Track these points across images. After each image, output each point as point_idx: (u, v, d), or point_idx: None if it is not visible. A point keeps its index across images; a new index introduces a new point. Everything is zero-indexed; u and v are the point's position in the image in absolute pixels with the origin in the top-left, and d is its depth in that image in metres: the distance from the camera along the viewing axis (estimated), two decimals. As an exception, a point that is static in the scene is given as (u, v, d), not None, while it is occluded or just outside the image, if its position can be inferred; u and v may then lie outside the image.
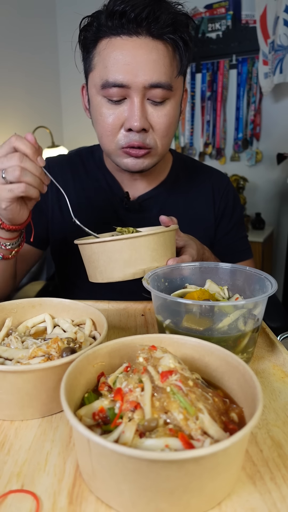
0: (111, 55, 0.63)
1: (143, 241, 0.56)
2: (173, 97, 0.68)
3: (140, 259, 0.56)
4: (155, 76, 0.63)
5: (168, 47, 0.64)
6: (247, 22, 2.14)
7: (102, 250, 0.57)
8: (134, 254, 0.56)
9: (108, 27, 0.63)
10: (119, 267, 0.57)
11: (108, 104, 0.67)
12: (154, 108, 0.67)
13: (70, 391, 0.34)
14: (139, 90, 0.64)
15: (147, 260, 0.57)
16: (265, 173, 2.32)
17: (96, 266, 0.59)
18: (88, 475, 0.33)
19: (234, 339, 0.48)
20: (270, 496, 0.33)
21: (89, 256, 0.59)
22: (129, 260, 0.56)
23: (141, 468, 0.28)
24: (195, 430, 0.32)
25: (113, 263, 0.57)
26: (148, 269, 0.57)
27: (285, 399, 0.46)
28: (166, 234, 0.59)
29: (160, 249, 0.57)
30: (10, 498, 0.33)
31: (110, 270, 0.57)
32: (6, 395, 0.41)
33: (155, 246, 0.57)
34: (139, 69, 0.62)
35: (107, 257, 0.56)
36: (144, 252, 0.56)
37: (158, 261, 0.58)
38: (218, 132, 2.36)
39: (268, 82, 2.06)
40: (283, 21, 1.90)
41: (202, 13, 2.22)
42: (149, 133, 0.68)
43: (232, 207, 0.89)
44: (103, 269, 0.58)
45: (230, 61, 2.25)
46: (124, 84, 0.63)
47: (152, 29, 0.62)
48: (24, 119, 2.27)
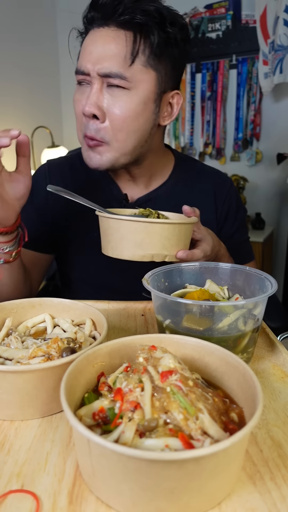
0: (83, 46, 0.68)
1: (158, 228, 0.57)
2: (133, 90, 0.66)
3: (151, 244, 0.58)
4: (107, 67, 0.64)
5: (129, 35, 0.64)
6: (247, 22, 2.14)
7: (117, 227, 0.59)
8: (146, 238, 0.57)
9: (88, 20, 0.67)
10: (130, 246, 0.58)
11: (78, 91, 0.70)
12: (111, 97, 0.67)
13: (70, 391, 0.34)
14: (95, 79, 0.66)
15: (158, 246, 0.58)
16: (265, 173, 2.32)
17: (109, 240, 0.61)
18: (88, 475, 0.33)
19: (234, 339, 0.48)
20: (270, 496, 0.33)
21: (105, 229, 0.61)
22: (141, 242, 0.58)
23: (141, 468, 0.28)
24: (195, 430, 0.32)
25: (125, 242, 0.59)
26: (157, 256, 0.59)
27: (285, 399, 0.46)
28: (182, 226, 0.59)
29: (173, 239, 0.59)
30: (10, 498, 0.33)
31: (121, 248, 0.59)
32: (6, 395, 0.41)
33: (169, 235, 0.58)
34: (97, 58, 0.65)
35: (121, 235, 0.59)
36: (156, 238, 0.58)
37: (168, 250, 0.59)
38: (218, 132, 2.36)
39: (268, 82, 2.06)
40: (283, 21, 1.90)
41: (202, 13, 2.22)
42: (104, 125, 0.67)
43: (235, 211, 0.89)
44: (115, 245, 0.60)
45: (230, 61, 2.25)
46: (85, 72, 0.66)
47: (117, 19, 0.64)
48: (24, 119, 2.27)
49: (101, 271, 0.84)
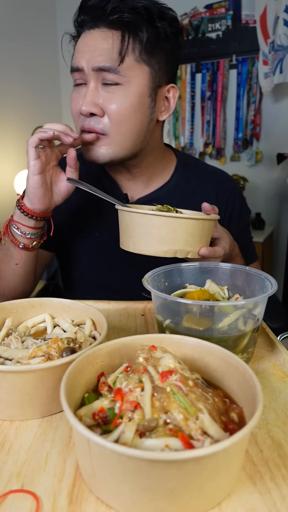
0: (76, 47, 0.70)
1: (183, 223, 0.57)
2: (127, 85, 0.68)
3: (175, 240, 0.57)
4: (100, 61, 0.66)
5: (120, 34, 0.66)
6: (247, 22, 2.14)
7: (141, 222, 0.57)
8: (170, 233, 0.56)
9: (79, 23, 0.70)
10: (153, 242, 0.57)
11: (74, 90, 0.71)
12: (107, 93, 0.68)
13: (70, 391, 0.34)
14: (90, 74, 0.67)
15: (182, 242, 0.57)
16: (265, 173, 2.32)
17: (131, 235, 0.59)
18: (88, 475, 0.33)
19: (234, 339, 0.48)
20: (270, 496, 0.33)
21: (127, 224, 0.60)
22: (165, 238, 0.57)
23: (141, 468, 0.28)
24: (195, 430, 0.32)
25: (148, 237, 0.57)
26: (180, 252, 0.58)
27: (285, 399, 0.46)
28: (206, 222, 0.59)
29: (197, 235, 0.58)
30: (10, 498, 0.33)
31: (143, 243, 0.58)
32: (6, 395, 0.41)
33: (193, 231, 0.57)
34: (88, 56, 0.67)
35: (144, 229, 0.57)
36: (180, 234, 0.57)
37: (192, 246, 0.58)
38: (218, 132, 2.36)
39: (268, 82, 2.06)
40: (283, 21, 1.90)
41: (202, 13, 2.22)
42: (102, 119, 0.69)
43: (239, 212, 0.88)
44: (137, 240, 0.59)
45: (230, 61, 2.25)
46: (80, 68, 0.68)
47: (106, 19, 0.66)
48: (24, 119, 2.27)
49: (102, 271, 0.84)
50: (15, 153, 2.21)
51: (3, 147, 2.13)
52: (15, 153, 2.21)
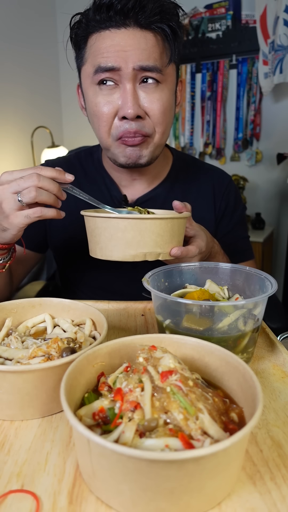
0: (101, 46, 0.65)
1: (149, 224, 0.53)
2: (165, 83, 0.68)
3: (143, 242, 0.54)
4: (144, 60, 0.64)
5: (157, 36, 0.65)
6: (247, 22, 2.14)
7: (105, 226, 0.54)
8: (137, 236, 0.53)
9: (96, 21, 0.64)
10: (120, 246, 0.54)
11: (102, 92, 0.68)
12: (147, 93, 0.67)
13: (70, 391, 0.34)
14: (129, 75, 0.64)
15: (150, 244, 0.54)
16: (265, 173, 2.32)
17: (97, 241, 0.56)
18: (88, 475, 0.33)
19: (234, 339, 0.48)
20: (270, 496, 0.33)
21: (92, 230, 0.57)
22: (131, 241, 0.54)
23: (141, 468, 0.28)
24: (195, 430, 0.32)
25: (114, 241, 0.54)
26: (150, 254, 0.55)
27: (285, 399, 0.46)
28: (175, 221, 0.56)
29: (166, 235, 0.55)
30: (10, 498, 0.33)
31: (110, 248, 0.55)
32: (6, 395, 0.41)
33: (161, 231, 0.54)
34: (128, 55, 0.64)
35: (109, 234, 0.54)
36: (148, 235, 0.54)
37: (162, 248, 0.55)
38: (218, 132, 2.36)
39: (268, 82, 2.06)
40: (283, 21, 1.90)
41: (202, 13, 2.21)
42: (145, 121, 0.68)
43: (233, 207, 0.89)
44: (104, 246, 0.56)
45: (230, 61, 2.25)
46: (115, 67, 0.64)
47: (140, 20, 0.63)
48: (24, 119, 2.27)
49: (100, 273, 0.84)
50: (15, 153, 2.21)
51: (3, 147, 2.13)
52: (15, 153, 2.21)
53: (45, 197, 0.55)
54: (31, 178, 0.54)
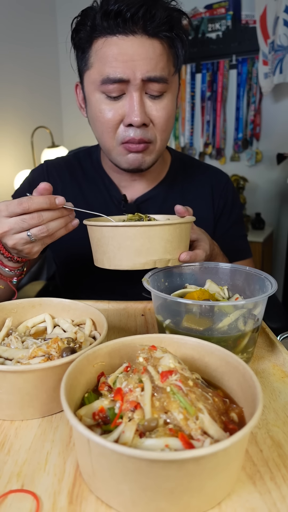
0: (109, 53, 0.65)
1: (158, 230, 0.52)
2: (170, 91, 0.69)
3: (153, 250, 0.53)
4: (152, 71, 0.65)
5: (164, 45, 0.66)
6: (247, 22, 2.14)
7: (112, 235, 0.53)
8: (146, 243, 0.52)
9: (103, 27, 0.64)
10: (129, 255, 0.53)
11: (107, 100, 0.68)
12: (153, 102, 0.68)
13: (70, 391, 0.34)
14: (137, 85, 0.65)
15: (160, 251, 0.53)
16: (265, 173, 2.32)
17: (105, 251, 0.54)
18: (88, 475, 0.33)
19: (234, 339, 0.48)
20: (270, 496, 0.33)
21: (98, 240, 0.55)
22: (141, 249, 0.52)
23: (141, 468, 0.28)
24: (195, 430, 0.32)
25: (123, 250, 0.53)
26: (160, 261, 0.54)
27: (285, 399, 0.46)
28: (183, 226, 0.55)
29: (175, 241, 0.54)
30: (10, 498, 0.33)
31: (119, 257, 0.53)
32: (6, 395, 0.41)
33: (170, 237, 0.53)
34: (136, 65, 0.64)
35: (118, 243, 0.53)
36: (157, 242, 0.53)
37: (171, 254, 0.54)
38: (218, 132, 2.36)
39: (268, 82, 2.06)
40: (283, 21, 1.90)
41: (202, 13, 2.21)
42: (149, 128, 0.69)
43: (231, 206, 0.89)
44: (112, 255, 0.54)
45: (230, 61, 2.25)
46: (124, 79, 0.65)
47: (148, 28, 0.63)
48: (24, 119, 2.27)
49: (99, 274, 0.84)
50: (15, 153, 2.21)
51: (3, 147, 2.13)
52: (15, 153, 2.21)
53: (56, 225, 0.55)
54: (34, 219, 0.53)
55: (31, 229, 0.54)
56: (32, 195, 0.54)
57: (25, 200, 0.53)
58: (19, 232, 0.54)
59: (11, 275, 0.64)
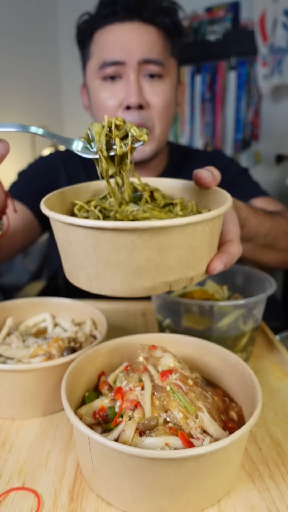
0: (106, 40, 0.68)
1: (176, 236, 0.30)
2: (167, 76, 0.70)
3: (166, 267, 0.31)
4: (148, 53, 0.67)
5: (159, 31, 0.68)
6: (246, 25, 2.15)
7: (93, 243, 0.30)
8: (156, 257, 0.30)
9: (101, 16, 0.68)
10: (124, 275, 0.31)
11: (106, 84, 0.70)
12: (150, 84, 0.69)
13: (70, 390, 0.35)
14: (134, 67, 0.67)
15: (177, 269, 0.31)
16: (264, 174, 2.32)
17: (80, 265, 0.33)
18: (88, 473, 0.33)
19: (234, 339, 0.49)
20: (269, 494, 0.33)
21: (69, 245, 0.33)
22: (146, 266, 0.31)
23: (141, 466, 0.28)
24: (195, 429, 0.32)
25: (112, 268, 0.31)
26: (177, 283, 0.33)
27: (283, 398, 0.46)
28: (216, 221, 0.33)
29: (203, 246, 0.32)
30: (11, 496, 0.33)
31: (107, 278, 0.32)
32: (8, 394, 0.41)
33: (194, 242, 0.31)
34: (133, 48, 0.66)
35: (104, 257, 0.31)
36: (170, 255, 0.31)
37: (195, 268, 0.33)
38: (217, 133, 2.37)
39: (267, 83, 2.07)
40: (281, 24, 1.91)
41: (201, 16, 2.23)
42: (147, 112, 0.69)
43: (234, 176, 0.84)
44: (94, 273, 0.32)
45: (230, 63, 2.26)
46: (120, 61, 0.67)
47: (143, 15, 0.66)
48: (24, 119, 2.27)
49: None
50: (15, 153, 2.21)
51: (3, 147, 2.13)
52: (15, 153, 2.21)
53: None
54: None
55: None
56: None
57: None
58: None
59: None
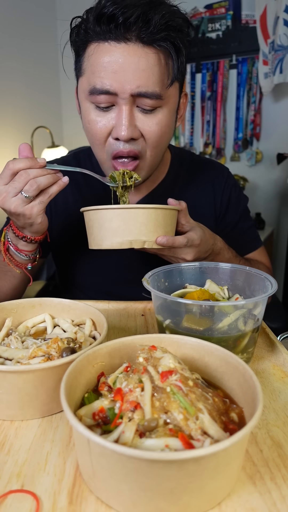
0: (99, 61, 0.60)
1: (132, 213, 0.58)
2: (166, 106, 0.64)
3: (128, 231, 0.58)
4: (143, 85, 0.59)
5: (160, 54, 0.60)
6: (247, 22, 2.14)
7: (96, 218, 0.60)
8: (122, 224, 0.58)
9: (96, 31, 0.60)
10: (108, 235, 0.59)
11: (96, 111, 0.64)
12: (145, 116, 0.63)
13: (70, 391, 0.34)
14: (126, 98, 0.60)
15: (134, 232, 0.58)
16: (265, 173, 2.31)
17: (91, 233, 0.62)
18: (88, 475, 0.33)
19: (234, 339, 0.48)
20: (270, 496, 0.33)
21: (87, 223, 0.63)
22: (117, 229, 0.58)
23: (141, 468, 0.28)
24: (195, 430, 0.32)
25: (103, 231, 0.59)
26: (135, 242, 0.59)
27: (285, 399, 0.46)
28: (159, 211, 0.59)
29: (150, 224, 0.58)
30: (10, 498, 0.33)
31: (100, 237, 0.60)
32: (6, 395, 0.41)
33: (145, 220, 0.58)
34: (126, 77, 0.59)
35: (99, 225, 0.59)
36: (132, 224, 0.58)
37: (146, 236, 0.59)
38: (218, 132, 2.36)
39: (268, 82, 2.06)
40: (283, 21, 1.90)
41: (202, 13, 2.21)
42: (139, 143, 0.65)
43: (236, 199, 0.88)
44: (95, 236, 0.61)
45: (230, 61, 2.25)
46: (111, 92, 0.60)
47: (142, 35, 0.57)
48: (24, 119, 2.27)
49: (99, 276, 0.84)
50: (15, 153, 2.21)
51: (3, 147, 2.13)
52: (15, 153, 2.21)
53: (45, 181, 0.59)
54: (21, 177, 0.58)
55: (24, 187, 0.58)
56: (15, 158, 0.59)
57: (10, 163, 0.58)
58: (16, 195, 0.59)
59: (26, 261, 0.69)
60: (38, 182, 0.58)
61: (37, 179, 0.58)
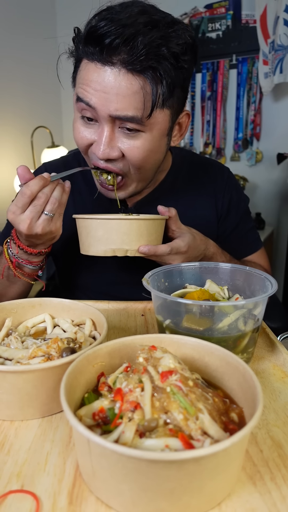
0: (85, 77, 0.61)
1: (115, 223, 0.61)
2: (149, 132, 0.62)
3: (111, 240, 0.62)
4: (122, 110, 0.59)
5: (145, 81, 0.58)
6: (247, 22, 2.14)
7: (83, 225, 0.64)
8: (105, 234, 0.62)
9: (84, 51, 0.60)
10: (93, 242, 0.64)
11: (82, 120, 0.65)
12: (126, 137, 0.62)
13: (70, 391, 0.34)
14: (106, 118, 0.60)
15: (117, 242, 0.62)
16: (265, 173, 2.31)
17: (80, 239, 0.67)
18: (88, 475, 0.33)
19: (234, 339, 0.48)
20: (270, 496, 0.33)
21: (78, 229, 0.67)
22: (101, 238, 0.62)
23: (141, 468, 0.28)
24: (195, 430, 0.32)
25: (90, 238, 0.64)
26: (118, 250, 0.63)
27: (285, 399, 0.46)
28: (141, 222, 0.62)
29: (132, 234, 0.62)
30: (10, 498, 0.33)
31: (87, 244, 0.65)
32: (6, 395, 0.41)
33: (126, 231, 0.62)
34: (107, 99, 0.59)
35: (86, 232, 0.64)
36: (114, 234, 0.62)
37: (128, 245, 0.63)
38: (218, 132, 2.36)
39: (268, 82, 2.06)
40: (283, 21, 1.90)
41: (202, 13, 2.21)
42: (119, 161, 0.65)
43: (237, 201, 0.88)
44: (83, 242, 0.66)
45: (230, 61, 2.24)
46: (92, 106, 0.60)
47: (127, 60, 0.56)
48: (24, 119, 2.27)
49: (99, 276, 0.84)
50: (14, 153, 2.21)
51: (3, 147, 2.13)
52: (14, 153, 2.21)
53: (59, 194, 0.62)
54: (42, 198, 0.60)
55: (45, 208, 0.61)
56: (24, 184, 0.60)
57: (24, 189, 0.59)
58: (39, 218, 0.61)
59: (36, 270, 0.71)
60: (57, 198, 0.62)
61: (54, 195, 0.61)
